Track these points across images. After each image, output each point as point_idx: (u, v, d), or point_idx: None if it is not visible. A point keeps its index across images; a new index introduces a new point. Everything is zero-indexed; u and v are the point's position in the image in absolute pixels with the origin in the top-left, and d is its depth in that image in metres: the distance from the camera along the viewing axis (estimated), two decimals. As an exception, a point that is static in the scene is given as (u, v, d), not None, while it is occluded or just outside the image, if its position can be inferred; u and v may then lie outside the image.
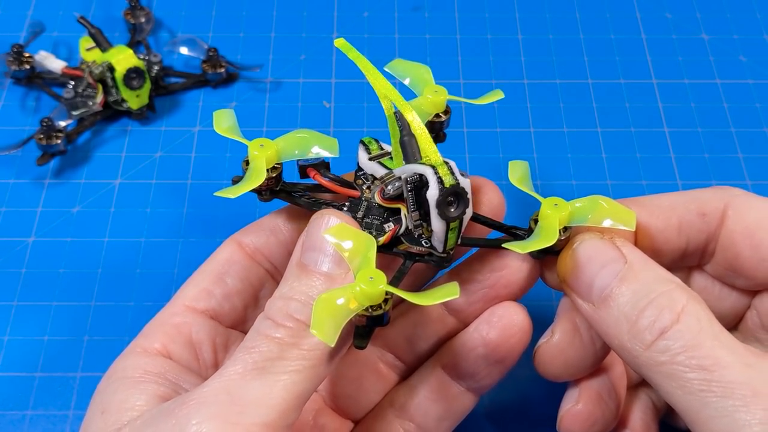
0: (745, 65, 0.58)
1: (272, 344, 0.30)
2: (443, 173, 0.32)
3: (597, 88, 0.56)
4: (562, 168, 0.52)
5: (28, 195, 0.51)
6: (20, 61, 0.54)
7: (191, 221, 0.50)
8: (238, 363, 0.30)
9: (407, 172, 0.33)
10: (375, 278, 0.30)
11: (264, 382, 0.29)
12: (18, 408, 0.43)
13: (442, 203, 0.31)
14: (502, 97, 0.38)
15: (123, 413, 0.31)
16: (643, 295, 0.31)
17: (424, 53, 0.58)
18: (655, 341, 0.30)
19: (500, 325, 0.36)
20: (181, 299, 0.36)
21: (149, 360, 0.34)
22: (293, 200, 0.36)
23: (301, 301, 0.31)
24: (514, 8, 0.61)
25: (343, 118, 0.54)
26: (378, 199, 0.34)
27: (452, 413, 0.38)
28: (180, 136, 0.54)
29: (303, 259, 0.32)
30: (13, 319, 0.46)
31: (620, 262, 0.32)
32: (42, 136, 0.51)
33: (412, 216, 0.33)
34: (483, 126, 0.54)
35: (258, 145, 0.34)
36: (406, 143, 0.33)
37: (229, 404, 0.28)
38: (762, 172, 0.52)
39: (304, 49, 0.58)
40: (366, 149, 0.36)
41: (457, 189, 0.32)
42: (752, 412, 0.28)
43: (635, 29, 0.60)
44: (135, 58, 0.52)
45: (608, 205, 0.35)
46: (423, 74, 0.38)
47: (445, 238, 0.33)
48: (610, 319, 0.31)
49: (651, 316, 0.30)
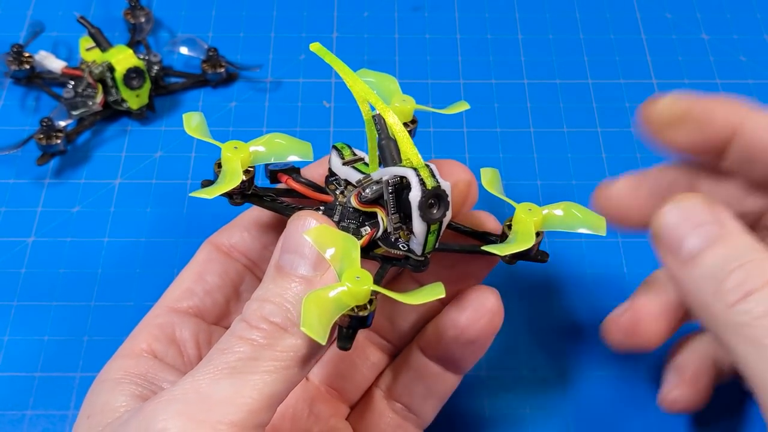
0: (745, 65, 0.58)
1: (245, 345, 0.30)
2: (425, 175, 0.32)
3: (597, 88, 0.56)
4: (561, 168, 0.52)
5: (28, 195, 0.51)
6: (20, 61, 0.54)
7: (191, 221, 0.50)
8: (210, 363, 0.30)
9: (388, 174, 0.33)
10: (361, 278, 0.30)
11: (234, 381, 0.29)
12: (18, 408, 0.43)
13: (423, 205, 0.32)
14: (467, 108, 0.38)
15: (105, 415, 0.32)
16: (733, 259, 0.31)
17: (424, 53, 0.58)
18: (739, 301, 0.30)
19: (470, 307, 0.37)
20: (164, 302, 0.37)
21: (132, 361, 0.34)
22: (266, 204, 0.36)
23: (275, 303, 0.31)
24: (514, 8, 0.61)
25: (343, 118, 0.54)
26: (354, 203, 0.34)
27: (435, 392, 0.39)
28: (180, 136, 0.54)
29: (280, 261, 0.32)
30: (13, 319, 0.46)
31: (715, 225, 0.32)
32: (42, 136, 0.51)
33: (392, 219, 0.33)
34: (483, 126, 0.54)
35: (232, 147, 0.34)
36: (384, 146, 0.33)
37: (197, 402, 0.29)
38: (762, 172, 0.52)
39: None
40: (339, 154, 0.36)
41: (438, 191, 0.32)
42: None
43: (635, 29, 0.60)
44: (135, 58, 0.52)
45: (580, 212, 0.36)
46: (389, 85, 0.38)
47: (424, 241, 0.33)
48: (696, 276, 0.32)
49: (738, 278, 0.31)
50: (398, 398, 0.39)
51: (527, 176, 0.52)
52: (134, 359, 0.34)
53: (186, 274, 0.38)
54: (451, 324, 0.37)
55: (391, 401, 0.39)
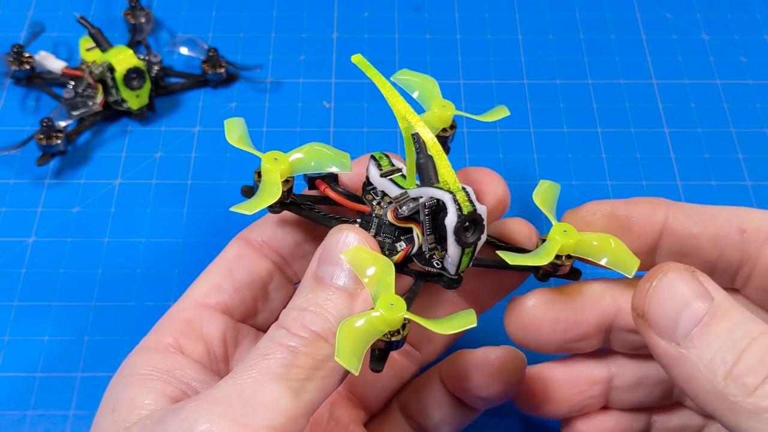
0: (745, 65, 0.58)
1: (286, 352, 0.30)
2: (461, 200, 0.32)
3: (597, 88, 0.56)
4: (562, 168, 0.52)
5: (28, 195, 0.51)
6: (20, 61, 0.54)
7: (191, 221, 0.50)
8: (253, 368, 0.30)
9: (424, 195, 0.33)
10: (395, 305, 0.30)
11: (276, 387, 0.29)
12: (18, 408, 0.43)
13: (459, 230, 0.32)
14: (507, 114, 0.38)
15: (132, 411, 0.31)
16: (740, 336, 0.28)
17: (424, 53, 0.58)
18: (761, 384, 0.27)
19: (488, 371, 0.36)
20: (191, 295, 0.37)
21: (159, 356, 0.34)
22: (304, 213, 0.36)
23: (315, 312, 0.31)
24: (514, 8, 0.61)
25: (343, 118, 0.54)
26: (391, 218, 0.34)
27: (452, 421, 0.39)
28: (180, 136, 0.54)
29: (319, 272, 0.32)
30: (13, 319, 0.46)
31: (708, 300, 0.29)
32: (42, 136, 0.51)
33: (427, 239, 0.33)
34: (483, 126, 0.54)
35: (271, 158, 0.34)
36: (423, 166, 0.33)
37: (240, 406, 0.29)
38: (762, 172, 0.52)
39: (304, 49, 0.58)
40: (377, 165, 0.36)
41: (474, 216, 0.32)
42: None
43: (635, 29, 0.60)
44: (135, 58, 0.52)
45: (616, 246, 0.34)
46: (431, 88, 0.37)
47: (458, 262, 0.33)
48: (700, 361, 0.29)
49: (753, 357, 0.28)
50: (415, 418, 0.39)
51: (527, 176, 0.52)
52: (160, 354, 0.34)
53: (215, 268, 0.37)
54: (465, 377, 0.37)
55: (408, 419, 0.39)
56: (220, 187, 0.51)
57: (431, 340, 0.39)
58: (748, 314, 0.29)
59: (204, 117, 0.55)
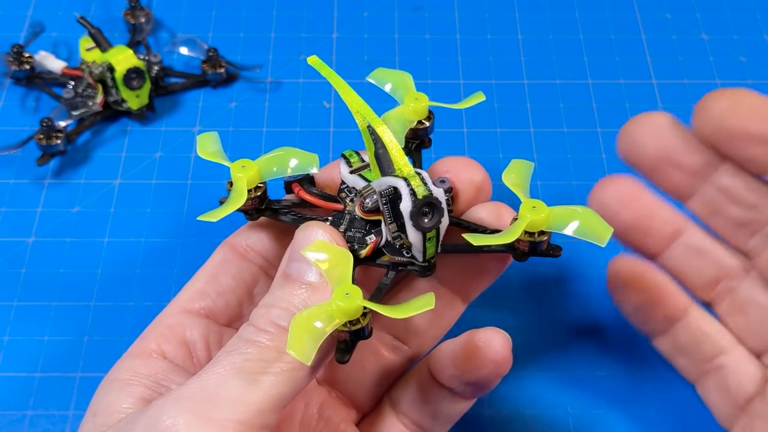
0: (745, 65, 0.58)
1: (253, 347, 0.30)
2: (415, 185, 0.32)
3: (597, 88, 0.56)
4: (562, 168, 0.52)
5: (28, 195, 0.51)
6: (20, 61, 0.54)
7: (191, 221, 0.50)
8: (218, 364, 0.30)
9: (382, 185, 0.33)
10: (351, 294, 0.30)
11: (241, 381, 0.29)
12: (18, 408, 0.43)
13: (415, 215, 0.32)
14: (483, 99, 0.38)
15: (111, 415, 0.32)
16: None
17: (424, 53, 0.58)
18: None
19: (474, 353, 0.36)
20: (176, 302, 0.37)
21: (141, 362, 0.34)
22: (279, 218, 0.36)
23: (282, 308, 0.31)
24: (514, 8, 0.61)
25: (343, 118, 0.54)
26: (358, 212, 0.35)
27: (444, 414, 0.39)
28: (180, 136, 0.54)
29: (288, 269, 0.32)
30: (13, 319, 0.46)
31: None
32: (42, 136, 0.51)
33: (389, 228, 0.33)
34: (483, 126, 0.54)
35: (239, 166, 0.35)
36: (380, 156, 0.34)
37: (205, 400, 0.29)
38: (762, 172, 0.52)
39: (304, 49, 0.58)
40: (347, 162, 0.36)
41: (430, 199, 0.32)
42: None
43: (635, 29, 0.60)
44: (135, 59, 0.52)
45: (588, 218, 0.34)
46: (404, 80, 0.38)
47: (423, 248, 0.33)
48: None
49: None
50: (407, 414, 0.39)
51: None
52: (143, 360, 0.35)
53: (200, 275, 0.38)
54: (452, 363, 0.36)
55: (400, 415, 0.39)
56: (220, 187, 0.51)
57: (418, 334, 0.39)
58: None
59: (204, 117, 0.55)
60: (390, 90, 0.38)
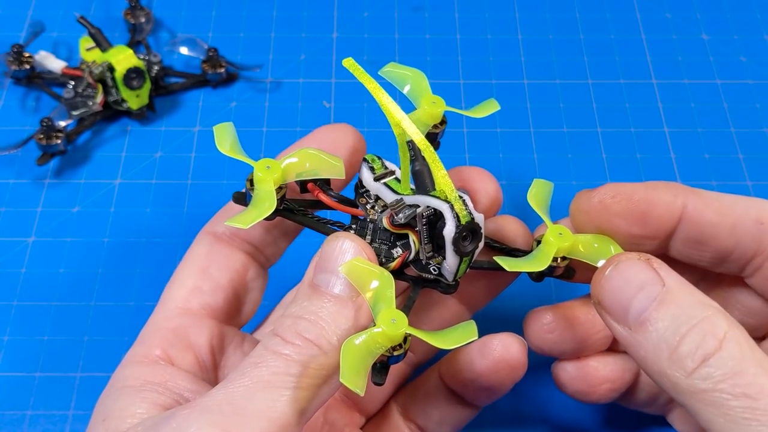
0: (745, 65, 0.58)
1: (279, 360, 0.30)
2: (459, 209, 0.32)
3: (597, 88, 0.56)
4: (562, 168, 0.52)
5: (28, 195, 0.51)
6: (20, 61, 0.54)
7: (191, 221, 0.50)
8: (245, 376, 0.30)
9: (421, 204, 0.32)
10: (397, 320, 0.30)
11: (268, 395, 0.29)
12: (18, 408, 0.43)
13: (458, 240, 0.32)
14: (497, 108, 0.38)
15: (123, 420, 0.31)
16: (683, 321, 0.30)
17: (424, 53, 0.58)
18: (697, 368, 0.29)
19: (491, 357, 0.36)
20: (171, 302, 0.36)
21: (149, 369, 0.34)
22: (299, 220, 0.35)
23: (310, 320, 0.31)
24: (514, 8, 0.61)
25: (343, 118, 0.54)
26: (386, 225, 0.34)
27: (450, 420, 0.39)
28: (180, 136, 0.54)
29: (315, 280, 0.32)
30: (13, 319, 0.46)
31: (658, 285, 0.31)
32: (42, 136, 0.51)
33: (425, 248, 0.33)
34: (483, 126, 0.54)
35: (264, 166, 0.33)
36: (419, 173, 0.33)
37: (231, 414, 0.29)
38: (762, 172, 0.52)
39: (304, 49, 0.58)
40: (370, 168, 0.35)
41: (473, 226, 0.32)
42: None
43: (635, 29, 0.60)
44: (135, 58, 0.52)
45: (614, 249, 0.35)
46: (421, 82, 0.37)
47: (456, 270, 0.33)
48: (647, 344, 0.30)
49: (692, 342, 0.29)
50: (414, 419, 0.39)
51: (527, 176, 0.52)
52: (150, 366, 0.34)
53: (188, 269, 0.37)
54: (468, 367, 0.37)
55: (407, 421, 0.39)
56: (220, 187, 0.51)
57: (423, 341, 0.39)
58: (700, 298, 0.31)
59: (204, 117, 0.55)
60: (407, 92, 0.37)
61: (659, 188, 0.35)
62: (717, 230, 0.35)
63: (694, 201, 0.35)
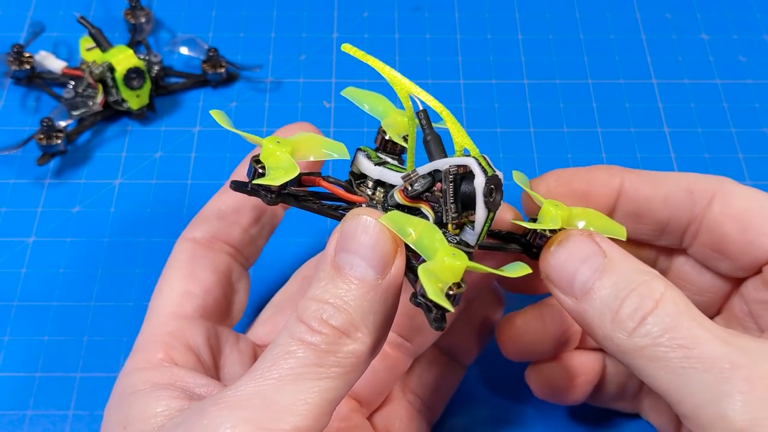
0: (745, 65, 0.58)
1: (308, 350, 0.30)
2: (484, 164, 0.32)
3: (597, 88, 0.56)
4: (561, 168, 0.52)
5: (28, 195, 0.51)
6: (20, 61, 0.54)
7: (191, 221, 0.50)
8: (274, 368, 0.29)
9: (444, 165, 0.33)
10: (456, 254, 0.30)
11: (299, 388, 0.29)
12: (18, 408, 0.43)
13: (488, 191, 0.32)
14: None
15: (146, 422, 0.31)
16: (623, 286, 0.32)
17: (424, 53, 0.58)
18: (637, 327, 0.31)
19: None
20: (163, 308, 0.36)
21: (155, 372, 0.34)
22: (303, 205, 0.35)
23: (335, 305, 0.30)
24: (514, 8, 0.61)
25: (343, 118, 0.54)
26: (400, 199, 0.34)
27: (443, 383, 0.41)
28: (180, 136, 0.54)
29: (338, 260, 0.31)
30: (13, 319, 0.46)
31: (600, 256, 0.33)
32: (42, 136, 0.51)
33: (450, 208, 0.33)
34: (483, 126, 0.54)
35: (274, 140, 0.33)
36: (431, 142, 0.34)
37: (263, 409, 0.28)
38: (762, 172, 0.52)
39: (304, 49, 0.58)
40: (367, 156, 0.35)
41: (498, 178, 0.33)
42: (732, 383, 0.29)
43: (635, 29, 0.60)
44: (135, 58, 0.52)
45: (602, 218, 0.36)
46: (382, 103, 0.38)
47: (482, 230, 0.33)
48: (593, 311, 0.32)
49: (632, 304, 0.31)
50: (413, 389, 0.40)
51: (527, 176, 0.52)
52: (155, 370, 0.34)
53: (174, 275, 0.37)
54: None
55: (406, 392, 0.40)
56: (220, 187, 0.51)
57: (421, 331, 0.39)
58: (638, 266, 0.33)
59: (204, 117, 0.55)
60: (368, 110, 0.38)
61: (598, 170, 0.38)
62: (652, 203, 0.37)
63: (630, 178, 0.38)
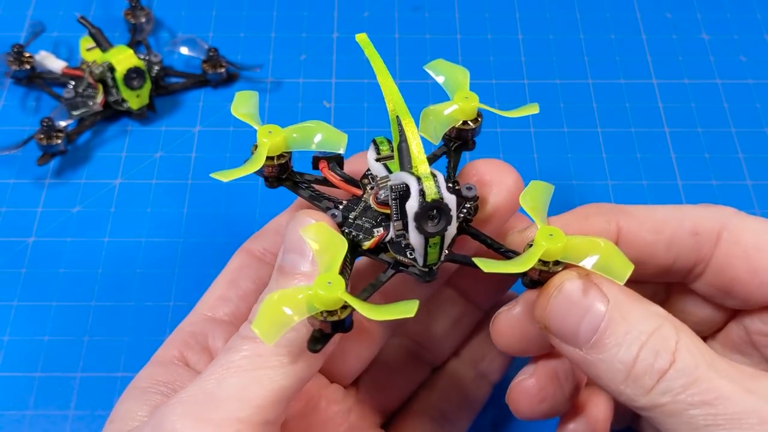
0: (745, 65, 0.58)
1: (248, 343, 0.30)
2: (427, 186, 0.30)
3: (597, 88, 0.56)
4: (562, 168, 0.52)
5: (28, 195, 0.51)
6: (20, 61, 0.54)
7: (191, 221, 0.50)
8: (217, 364, 0.30)
9: (396, 179, 0.32)
10: (333, 283, 0.29)
11: (239, 379, 0.30)
12: (18, 408, 0.43)
13: (421, 216, 0.30)
14: (536, 111, 0.36)
15: (126, 423, 0.32)
16: (634, 337, 0.30)
17: (424, 53, 0.58)
18: (656, 385, 0.29)
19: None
20: (199, 309, 0.37)
21: (162, 369, 0.34)
22: (297, 190, 0.36)
23: None
24: (514, 8, 0.61)
25: (343, 118, 0.54)
26: (372, 203, 0.34)
27: (469, 400, 0.40)
28: (180, 136, 0.54)
29: (282, 262, 0.32)
30: (13, 319, 0.46)
31: (603, 303, 0.30)
32: (42, 136, 0.51)
33: (394, 225, 0.32)
34: (483, 126, 0.54)
35: (267, 131, 0.34)
36: (403, 150, 0.32)
37: (205, 402, 0.29)
38: (762, 172, 0.52)
39: (304, 49, 0.58)
40: (376, 149, 0.35)
41: (439, 204, 0.30)
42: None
43: (635, 29, 0.60)
44: (135, 58, 0.52)
45: (606, 250, 0.31)
46: (458, 77, 0.36)
47: (424, 253, 0.32)
48: (603, 364, 0.30)
49: (647, 359, 0.29)
50: (435, 404, 0.40)
51: (527, 176, 0.51)
52: (164, 367, 0.35)
53: (219, 281, 0.38)
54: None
55: (429, 408, 0.40)
56: (220, 187, 0.51)
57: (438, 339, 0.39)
58: (646, 309, 0.31)
59: (204, 117, 0.55)
60: (443, 83, 0.36)
61: (590, 217, 0.35)
62: (654, 248, 0.35)
63: (628, 222, 0.35)
